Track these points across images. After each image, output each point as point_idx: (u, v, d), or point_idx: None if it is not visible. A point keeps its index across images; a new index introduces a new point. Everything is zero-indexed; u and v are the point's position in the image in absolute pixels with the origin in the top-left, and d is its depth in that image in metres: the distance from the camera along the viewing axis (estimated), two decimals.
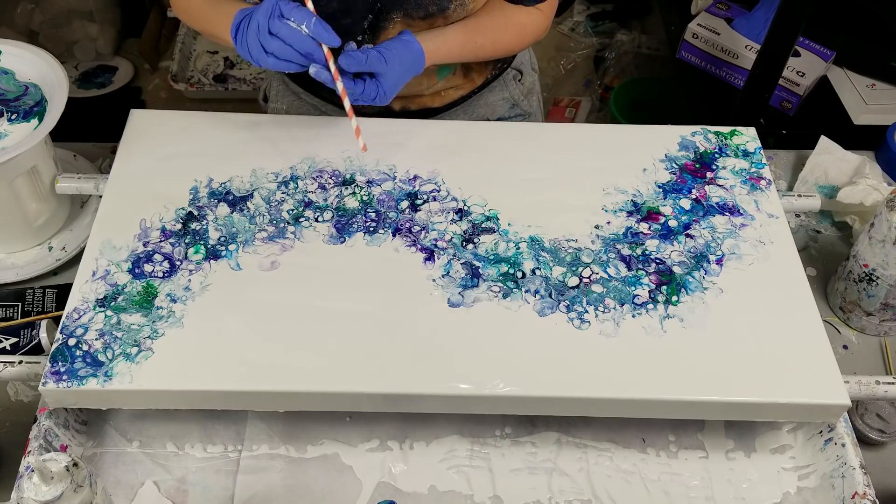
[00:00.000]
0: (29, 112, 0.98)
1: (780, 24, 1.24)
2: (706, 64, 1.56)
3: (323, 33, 0.86)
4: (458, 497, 0.84)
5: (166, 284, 0.86)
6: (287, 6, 0.85)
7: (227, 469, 0.85)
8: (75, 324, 0.83)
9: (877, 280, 0.98)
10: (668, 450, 0.89)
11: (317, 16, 0.86)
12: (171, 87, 2.13)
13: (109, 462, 0.85)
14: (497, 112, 1.16)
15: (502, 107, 1.16)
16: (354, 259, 0.90)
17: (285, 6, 0.85)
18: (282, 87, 1.16)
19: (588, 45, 2.34)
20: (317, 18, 0.85)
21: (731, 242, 0.93)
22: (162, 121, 1.02)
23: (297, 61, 0.87)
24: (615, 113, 1.96)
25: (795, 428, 0.90)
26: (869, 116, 1.44)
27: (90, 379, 0.79)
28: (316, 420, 0.88)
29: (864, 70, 1.51)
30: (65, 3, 2.11)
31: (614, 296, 0.87)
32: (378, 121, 1.04)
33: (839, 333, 1.04)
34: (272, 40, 0.86)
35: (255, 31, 0.87)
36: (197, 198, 0.94)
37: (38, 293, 0.99)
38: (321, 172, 0.98)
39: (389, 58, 0.90)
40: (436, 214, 0.94)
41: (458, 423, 0.89)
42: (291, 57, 0.87)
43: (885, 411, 0.93)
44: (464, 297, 0.87)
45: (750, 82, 1.36)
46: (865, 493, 0.81)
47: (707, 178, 1.00)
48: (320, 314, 0.84)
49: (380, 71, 0.90)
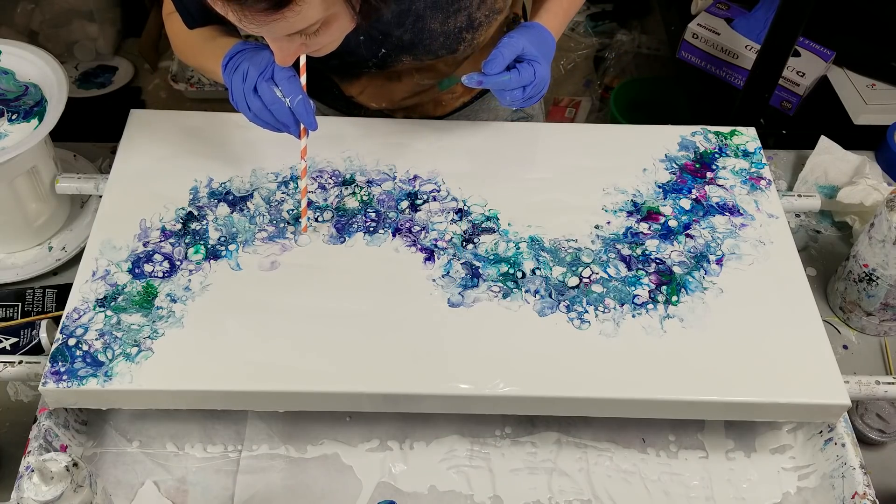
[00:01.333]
0: (29, 112, 0.98)
1: (780, 24, 1.24)
2: (706, 64, 1.56)
3: (304, 115, 0.83)
4: (458, 497, 0.84)
5: (166, 284, 0.86)
6: (280, 72, 0.82)
7: (227, 469, 0.85)
8: (75, 324, 0.83)
9: (877, 280, 0.98)
10: (668, 450, 0.89)
11: (305, 94, 0.83)
12: (171, 87, 2.13)
13: (109, 462, 0.85)
14: (500, 116, 1.16)
15: (505, 111, 1.16)
16: (354, 259, 0.90)
17: (279, 72, 0.82)
18: None
19: (588, 45, 2.34)
20: (303, 97, 0.83)
21: (731, 242, 0.93)
22: (162, 121, 1.02)
23: (273, 126, 0.86)
24: (615, 113, 1.95)
25: (795, 428, 0.90)
26: (869, 116, 1.44)
27: (90, 379, 0.79)
28: (316, 420, 0.88)
29: (864, 70, 1.51)
30: (65, 3, 2.10)
31: (614, 296, 0.87)
32: (378, 121, 1.04)
33: (839, 333, 1.04)
34: (255, 98, 0.84)
35: (241, 82, 0.84)
36: (197, 198, 0.94)
37: (38, 293, 0.99)
38: (321, 172, 0.98)
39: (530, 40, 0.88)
40: (436, 214, 0.94)
41: (458, 423, 0.89)
42: (268, 121, 0.85)
43: (885, 411, 0.93)
44: (464, 297, 0.87)
45: (750, 82, 1.36)
46: (865, 493, 0.81)
47: (707, 178, 1.00)
48: (320, 314, 0.84)
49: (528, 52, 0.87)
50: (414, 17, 0.91)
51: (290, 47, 0.78)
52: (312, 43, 0.78)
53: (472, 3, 0.92)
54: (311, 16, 0.72)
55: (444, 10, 0.92)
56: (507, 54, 0.87)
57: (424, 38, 0.94)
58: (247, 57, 0.85)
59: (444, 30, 0.93)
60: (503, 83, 0.87)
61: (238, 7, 0.69)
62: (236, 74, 0.85)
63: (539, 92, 0.91)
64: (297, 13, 0.70)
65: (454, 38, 0.95)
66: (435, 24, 0.93)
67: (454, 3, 0.91)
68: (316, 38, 0.77)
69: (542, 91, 0.91)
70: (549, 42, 0.92)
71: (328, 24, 0.75)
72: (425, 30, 0.93)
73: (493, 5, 0.94)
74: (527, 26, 0.92)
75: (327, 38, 0.78)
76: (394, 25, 0.92)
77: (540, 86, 0.90)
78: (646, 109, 1.98)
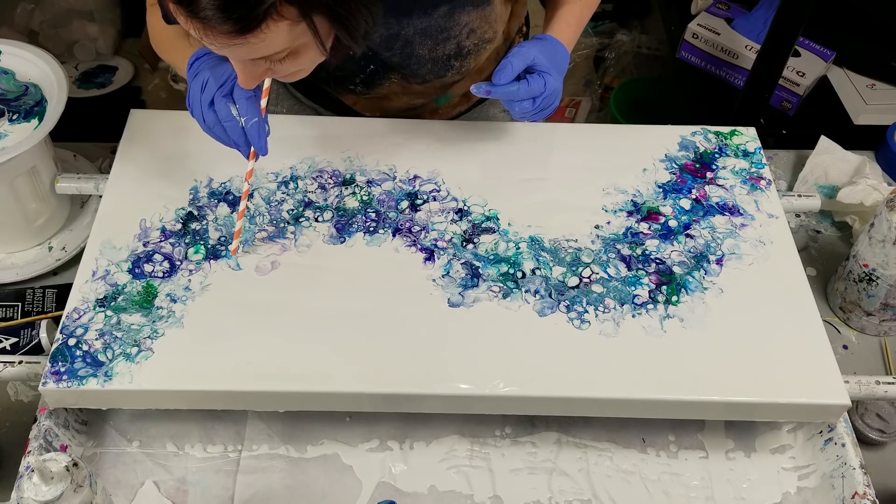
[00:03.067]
0: (29, 112, 0.98)
1: (780, 24, 1.24)
2: (706, 64, 1.56)
3: (255, 138, 0.80)
4: (458, 497, 0.84)
5: (166, 284, 0.86)
6: (239, 91, 0.79)
7: (227, 469, 0.85)
8: (75, 324, 0.83)
9: (877, 280, 0.98)
10: (668, 450, 0.89)
11: (261, 117, 0.80)
12: (171, 87, 2.13)
13: (109, 462, 0.85)
14: None
15: (503, 118, 1.15)
16: (354, 259, 0.90)
17: (238, 90, 0.79)
18: (282, 90, 1.16)
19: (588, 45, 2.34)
20: (258, 120, 0.80)
21: (731, 242, 0.93)
22: (162, 121, 1.02)
23: (224, 142, 0.83)
24: (615, 113, 1.95)
25: (795, 428, 0.90)
26: (869, 116, 1.44)
27: (90, 379, 0.79)
28: (316, 420, 0.88)
29: (864, 70, 1.51)
30: (65, 3, 2.10)
31: (614, 296, 0.87)
32: (378, 121, 1.04)
33: (839, 333, 1.04)
34: (210, 112, 0.81)
35: (199, 91, 0.81)
36: (197, 198, 0.94)
37: (38, 293, 0.99)
38: (321, 172, 0.98)
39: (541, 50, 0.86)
40: (436, 214, 0.94)
41: (458, 423, 0.89)
42: (220, 136, 0.82)
43: (885, 411, 0.93)
44: (464, 297, 0.87)
45: (750, 82, 1.36)
46: (865, 493, 0.81)
47: (707, 178, 1.00)
48: (320, 314, 0.84)
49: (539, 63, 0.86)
50: (402, 42, 0.91)
51: (255, 71, 0.75)
52: (278, 69, 0.75)
53: (462, 32, 0.91)
54: (277, 44, 0.69)
55: (433, 38, 0.91)
56: (516, 64, 0.86)
57: (412, 63, 0.94)
58: (208, 65, 0.81)
59: (432, 56, 0.93)
60: (511, 93, 0.86)
61: (200, 25, 0.66)
62: (195, 81, 0.81)
63: (550, 105, 0.89)
64: (262, 40, 0.67)
65: (442, 65, 0.95)
66: (423, 50, 0.92)
67: (443, 32, 0.90)
68: (282, 66, 0.74)
69: (554, 104, 0.89)
70: (561, 54, 0.90)
71: (296, 55, 0.73)
72: (413, 55, 0.92)
73: (483, 35, 0.94)
74: (539, 38, 0.90)
75: (294, 67, 0.75)
76: (383, 48, 0.92)
77: (551, 98, 0.88)
78: (646, 109, 1.98)
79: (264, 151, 0.82)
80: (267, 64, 0.74)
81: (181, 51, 0.89)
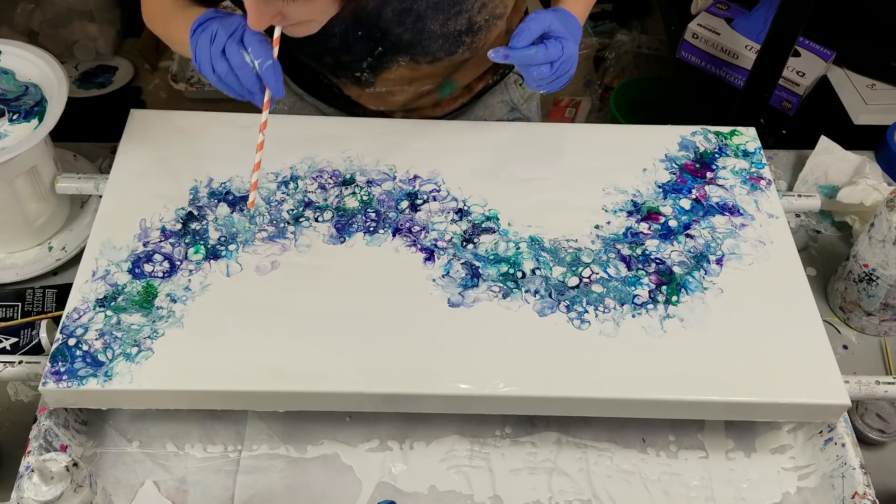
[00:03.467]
0: (29, 112, 0.98)
1: (780, 24, 1.24)
2: (706, 64, 1.56)
3: (271, 80, 0.80)
4: (458, 497, 0.84)
5: (166, 284, 0.86)
6: (251, 36, 0.79)
7: (227, 469, 0.85)
8: (75, 324, 0.83)
9: (877, 280, 0.98)
10: (668, 450, 0.89)
11: (275, 60, 0.79)
12: (171, 87, 2.13)
13: (109, 462, 0.85)
14: (496, 114, 1.16)
15: (501, 109, 1.16)
16: (354, 259, 0.90)
17: (249, 35, 0.79)
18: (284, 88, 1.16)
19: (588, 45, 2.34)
20: (273, 63, 0.79)
21: (731, 242, 0.93)
22: (162, 121, 1.02)
23: (238, 92, 0.82)
24: (615, 113, 1.95)
25: (795, 428, 0.90)
26: (869, 116, 1.44)
27: (90, 379, 0.79)
28: (316, 420, 0.88)
29: (864, 70, 1.51)
30: (65, 3, 2.10)
31: (614, 296, 0.87)
32: (378, 121, 1.04)
33: (839, 333, 1.04)
34: (222, 61, 0.80)
35: (208, 43, 0.80)
36: (197, 198, 0.94)
37: (38, 293, 0.99)
38: (321, 172, 0.98)
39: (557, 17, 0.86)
40: (436, 214, 0.94)
41: (458, 423, 0.89)
42: (233, 86, 0.82)
43: (885, 411, 0.93)
44: (464, 297, 0.87)
45: (750, 82, 1.36)
46: (865, 493, 0.81)
47: (707, 178, 1.00)
48: (320, 314, 0.84)
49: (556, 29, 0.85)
50: (414, 17, 0.91)
51: (267, 10, 0.74)
52: (291, 13, 0.74)
53: (474, 6, 0.92)
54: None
55: (445, 12, 0.91)
56: (534, 28, 0.85)
57: (423, 39, 0.94)
58: (217, 20, 0.82)
59: (443, 31, 0.93)
60: (529, 57, 0.85)
61: None
62: (203, 36, 0.81)
63: (567, 71, 0.88)
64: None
65: (453, 41, 0.95)
66: (435, 25, 0.92)
67: (455, 6, 0.91)
68: (295, 7, 0.73)
69: (571, 70, 0.89)
70: (574, 23, 0.89)
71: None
72: (425, 30, 0.93)
73: (494, 10, 0.94)
74: (552, 9, 0.89)
75: (306, 12, 0.74)
76: (394, 24, 0.92)
77: (568, 64, 0.87)
78: (646, 109, 1.98)
79: (281, 93, 0.82)
80: (281, 4, 0.73)
81: (181, 20, 0.88)
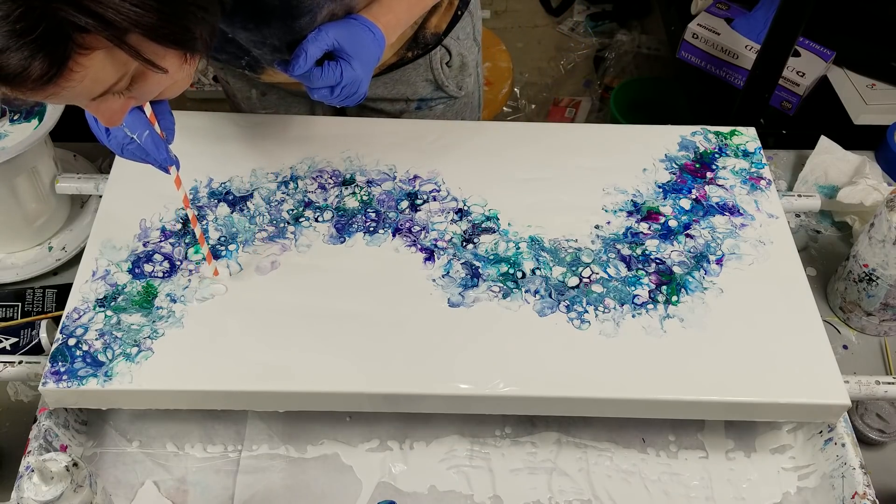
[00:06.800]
0: (29, 112, 0.98)
1: (780, 24, 1.24)
2: (706, 64, 1.56)
3: (154, 151, 0.73)
4: (458, 497, 0.84)
5: (166, 284, 0.86)
6: None
7: (227, 469, 0.85)
8: (75, 324, 0.83)
9: (877, 280, 0.98)
10: (668, 450, 0.89)
11: (151, 128, 0.73)
12: None
13: (109, 462, 0.85)
14: (419, 92, 1.09)
15: (425, 88, 1.09)
16: (354, 259, 0.90)
17: None
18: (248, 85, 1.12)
19: (588, 45, 2.35)
20: (150, 132, 0.73)
21: (731, 242, 0.93)
22: None
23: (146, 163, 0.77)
24: (615, 113, 1.96)
25: (795, 428, 0.90)
26: (869, 116, 1.44)
27: (90, 379, 0.79)
28: (316, 420, 0.88)
29: (864, 70, 1.51)
30: None
31: (614, 296, 0.87)
32: (378, 121, 1.04)
33: (839, 333, 1.04)
34: (110, 142, 0.75)
35: (94, 121, 0.74)
36: (197, 198, 0.94)
37: (38, 293, 0.99)
38: (321, 172, 0.98)
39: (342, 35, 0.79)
40: (436, 214, 0.94)
41: (458, 423, 0.89)
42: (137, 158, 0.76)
43: (885, 411, 0.93)
44: (464, 297, 0.87)
45: (750, 82, 1.36)
46: (865, 493, 0.81)
47: (707, 178, 1.00)
48: (320, 314, 0.84)
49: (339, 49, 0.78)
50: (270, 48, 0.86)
51: (110, 107, 0.63)
52: (139, 93, 0.64)
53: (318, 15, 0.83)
54: (104, 77, 0.58)
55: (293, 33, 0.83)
56: (311, 51, 0.78)
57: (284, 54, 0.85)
58: None
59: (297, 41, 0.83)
60: (306, 79, 0.80)
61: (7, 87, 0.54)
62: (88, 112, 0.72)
63: (352, 94, 0.82)
64: (80, 80, 0.56)
65: None
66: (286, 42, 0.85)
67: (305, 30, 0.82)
68: (139, 90, 0.63)
69: (357, 94, 0.82)
70: (368, 38, 0.81)
71: (143, 76, 0.62)
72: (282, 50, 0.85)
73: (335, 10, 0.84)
74: (349, 20, 0.81)
75: (156, 87, 0.64)
76: (252, 45, 0.88)
77: (352, 88, 0.81)
78: (646, 109, 1.98)
79: (168, 161, 0.75)
80: (118, 97, 0.62)
81: None
